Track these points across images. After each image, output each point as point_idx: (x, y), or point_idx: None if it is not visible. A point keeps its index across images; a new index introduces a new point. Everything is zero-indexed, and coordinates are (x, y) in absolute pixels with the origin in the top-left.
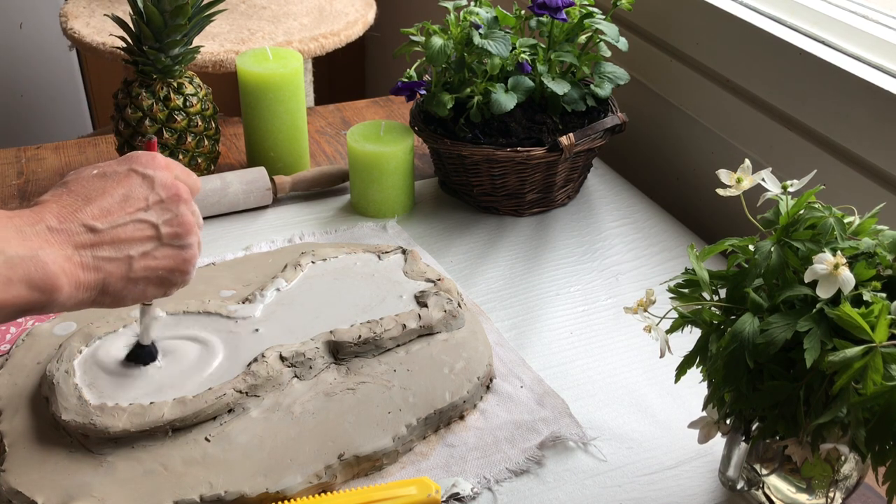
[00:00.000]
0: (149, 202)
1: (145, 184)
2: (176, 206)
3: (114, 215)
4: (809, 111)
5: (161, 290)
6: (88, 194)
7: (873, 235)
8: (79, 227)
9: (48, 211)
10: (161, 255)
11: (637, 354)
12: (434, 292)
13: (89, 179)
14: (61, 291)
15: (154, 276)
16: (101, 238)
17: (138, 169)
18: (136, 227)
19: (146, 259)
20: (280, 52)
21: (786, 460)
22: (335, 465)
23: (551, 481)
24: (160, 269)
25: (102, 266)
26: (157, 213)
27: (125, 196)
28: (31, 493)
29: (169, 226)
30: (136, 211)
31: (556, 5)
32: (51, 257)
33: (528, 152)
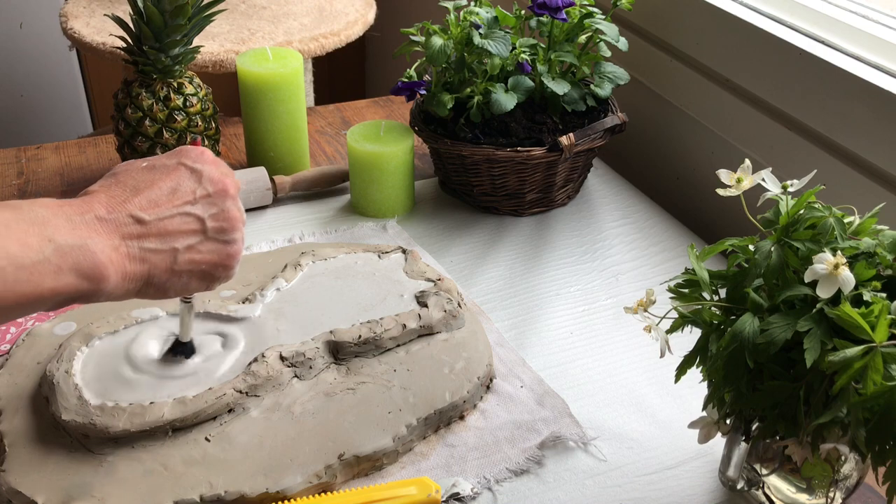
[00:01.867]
0: (196, 196)
1: (193, 178)
2: (223, 201)
3: (161, 207)
4: (809, 111)
5: (204, 283)
6: (137, 185)
7: (873, 235)
8: (127, 218)
9: (97, 201)
10: (205, 249)
11: (637, 354)
12: (434, 292)
13: (139, 171)
14: (108, 281)
15: (198, 270)
16: (148, 230)
17: (187, 163)
18: (183, 220)
19: (191, 252)
20: (280, 52)
21: (786, 460)
22: (335, 465)
23: (551, 481)
24: (204, 262)
25: (148, 257)
26: (204, 207)
27: (173, 189)
28: (31, 493)
29: (215, 220)
30: (183, 204)
31: (556, 5)
32: (99, 247)
33: (528, 152)
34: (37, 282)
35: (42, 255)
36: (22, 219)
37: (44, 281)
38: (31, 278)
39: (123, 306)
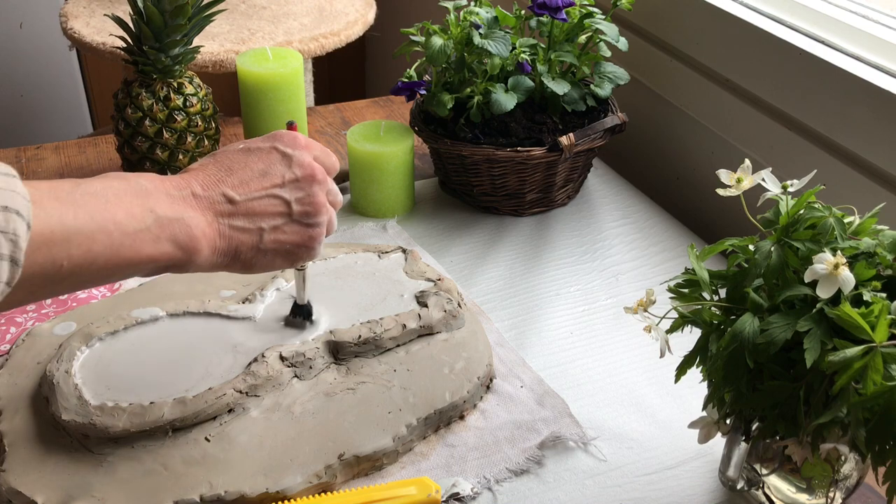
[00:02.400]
0: (284, 179)
1: (284, 162)
2: (309, 185)
3: (251, 188)
4: (809, 111)
5: (287, 262)
6: (231, 166)
7: (873, 235)
8: (220, 197)
9: (195, 178)
10: (290, 231)
11: (637, 354)
12: (434, 292)
13: (234, 153)
14: (200, 253)
15: (282, 249)
16: (238, 209)
17: (279, 147)
18: (270, 201)
19: (276, 233)
20: (280, 52)
21: (786, 460)
22: (335, 465)
23: (551, 481)
24: (288, 243)
25: (236, 235)
26: (291, 191)
27: (263, 171)
28: (31, 493)
29: (300, 204)
30: (271, 186)
31: (556, 5)
32: (194, 221)
33: (528, 152)
34: (138, 248)
35: (144, 224)
36: (129, 190)
37: (144, 248)
38: (134, 244)
39: (123, 307)
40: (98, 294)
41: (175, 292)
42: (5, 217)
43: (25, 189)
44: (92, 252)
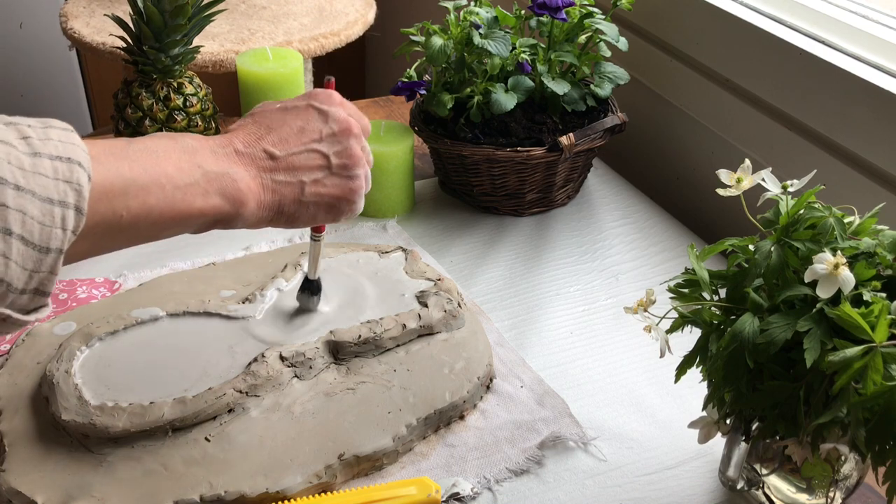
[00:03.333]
0: (322, 134)
1: (320, 118)
2: (346, 139)
3: (290, 144)
4: (809, 111)
5: (330, 215)
6: (270, 124)
7: (873, 235)
8: (261, 153)
9: (236, 137)
10: (330, 184)
11: (637, 354)
12: (434, 292)
13: (273, 112)
14: (247, 206)
15: (323, 202)
16: (279, 164)
17: (315, 104)
18: (309, 156)
19: (316, 186)
20: (280, 52)
21: (786, 460)
22: (335, 465)
23: (551, 481)
24: (328, 196)
25: (279, 189)
26: (329, 145)
27: (301, 128)
28: (31, 493)
29: (338, 157)
30: (310, 142)
31: (556, 5)
32: (239, 175)
33: (528, 152)
34: (189, 201)
35: (193, 179)
36: (176, 147)
37: (195, 201)
38: (185, 198)
39: (123, 307)
40: (98, 294)
41: (175, 292)
42: (69, 168)
43: (83, 142)
44: (147, 204)
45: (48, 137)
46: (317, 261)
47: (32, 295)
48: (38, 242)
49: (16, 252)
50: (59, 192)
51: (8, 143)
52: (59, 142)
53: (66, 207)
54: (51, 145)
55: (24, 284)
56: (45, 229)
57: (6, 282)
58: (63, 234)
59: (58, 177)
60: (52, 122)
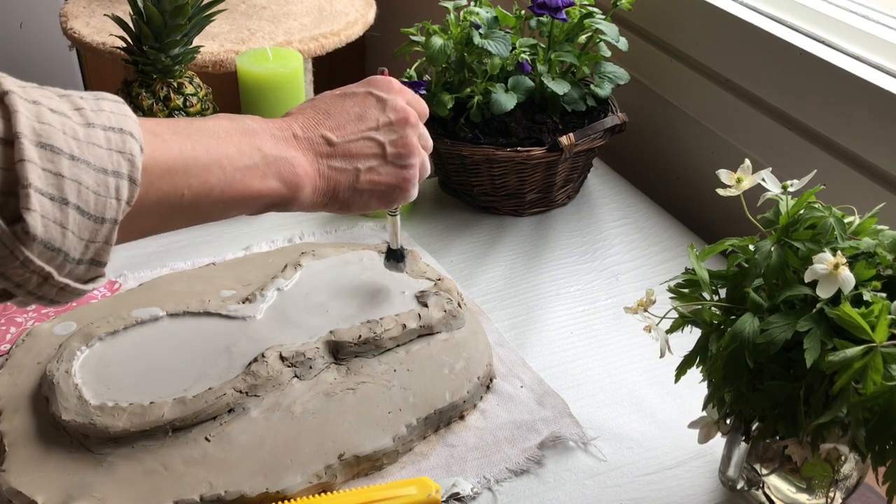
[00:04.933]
0: (379, 123)
1: (379, 106)
2: (403, 128)
3: (347, 130)
4: (809, 111)
5: (383, 202)
6: (329, 110)
7: (873, 235)
8: (319, 138)
9: (295, 121)
10: (384, 172)
11: (637, 354)
12: (434, 292)
13: (332, 98)
14: (303, 191)
15: (377, 190)
16: (335, 150)
17: (374, 92)
18: (366, 143)
19: (371, 174)
20: (280, 52)
21: (786, 460)
22: (335, 465)
23: (551, 481)
24: (382, 183)
25: (333, 175)
26: (385, 134)
27: (359, 115)
28: (31, 493)
29: (394, 146)
30: (367, 129)
31: (556, 5)
32: (297, 160)
33: (528, 152)
34: (248, 182)
35: (252, 161)
36: (237, 128)
37: (253, 182)
38: (244, 179)
39: (123, 307)
40: (98, 294)
41: (175, 292)
42: (122, 138)
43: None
44: (208, 183)
45: (100, 109)
46: (397, 233)
47: (89, 265)
48: (93, 212)
49: (72, 222)
50: (112, 163)
51: (62, 113)
52: (111, 113)
53: (119, 178)
54: (103, 116)
55: (80, 254)
56: (99, 199)
57: (63, 251)
58: (118, 203)
59: (111, 147)
60: (104, 94)
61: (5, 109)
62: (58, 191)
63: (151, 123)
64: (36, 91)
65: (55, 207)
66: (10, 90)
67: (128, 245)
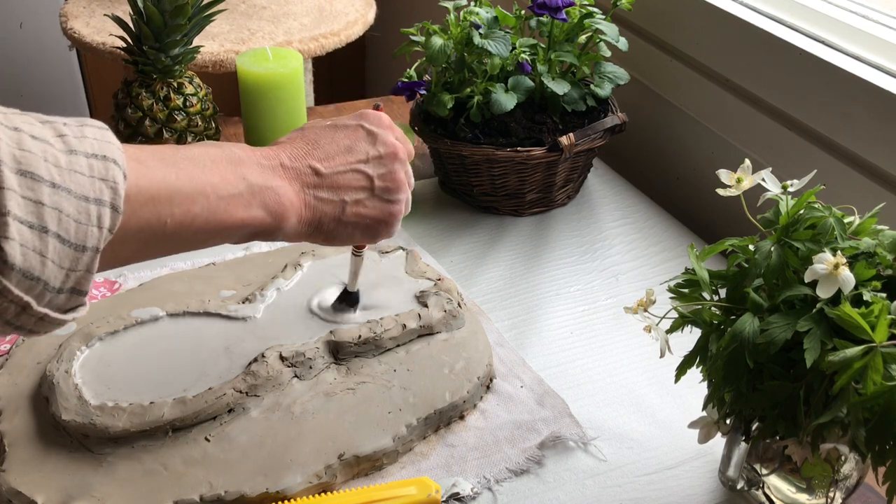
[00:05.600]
0: (369, 156)
1: (369, 139)
2: (392, 163)
3: (336, 162)
4: (809, 111)
5: (367, 236)
6: (318, 140)
7: (873, 235)
8: (306, 168)
9: (283, 150)
10: (371, 206)
11: (637, 354)
12: (434, 292)
13: (321, 129)
14: (288, 221)
15: (362, 223)
16: (323, 181)
17: (365, 125)
18: (354, 176)
19: (357, 206)
20: (280, 52)
21: (786, 460)
22: (335, 465)
23: (551, 481)
24: (368, 217)
25: (319, 206)
26: (374, 168)
27: (349, 147)
28: (31, 493)
29: (382, 180)
30: (356, 162)
31: (556, 5)
32: (283, 190)
33: (528, 152)
34: (232, 212)
35: (237, 190)
36: (223, 157)
37: (237, 211)
38: (228, 208)
39: (123, 307)
40: (98, 294)
41: (175, 292)
42: (105, 165)
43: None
44: (191, 212)
45: (83, 135)
46: (357, 275)
47: (69, 294)
48: (74, 240)
49: (52, 250)
50: (94, 190)
51: (44, 140)
52: (94, 140)
53: (101, 205)
54: (86, 143)
55: (60, 283)
56: (80, 227)
57: (43, 280)
58: (99, 232)
59: (93, 174)
60: (88, 120)
61: None
62: (38, 219)
63: (136, 150)
64: (17, 117)
65: (34, 236)
66: None
67: None
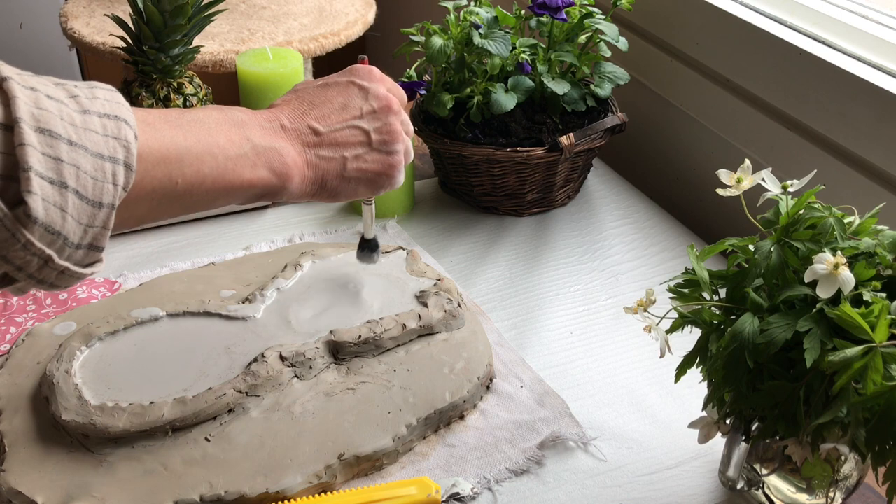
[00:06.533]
0: (363, 111)
1: (361, 94)
2: (386, 115)
3: (332, 120)
4: (809, 111)
5: (370, 189)
6: (313, 100)
7: (873, 235)
8: (305, 128)
9: (282, 112)
10: (371, 159)
11: (637, 354)
12: (434, 292)
13: (315, 89)
14: (293, 180)
15: (364, 177)
16: (322, 139)
17: (356, 81)
18: (351, 132)
19: (358, 161)
20: (280, 52)
21: (786, 460)
22: (335, 465)
23: (551, 481)
24: (369, 171)
25: (321, 164)
26: (370, 121)
27: (343, 104)
28: (31, 493)
29: (378, 133)
30: (352, 118)
31: (556, 5)
32: (286, 150)
33: (528, 152)
34: (239, 172)
35: (242, 150)
36: (226, 119)
37: (244, 172)
38: (235, 168)
39: (123, 307)
40: (98, 294)
41: (175, 292)
42: (117, 125)
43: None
44: (201, 172)
45: (95, 97)
46: (371, 222)
47: (87, 250)
48: (91, 197)
49: (71, 206)
50: (108, 148)
51: (59, 100)
52: (105, 101)
53: (115, 163)
54: (98, 104)
55: (79, 238)
56: (97, 184)
57: (63, 235)
58: (114, 189)
59: (107, 133)
60: (97, 83)
61: (4, 95)
62: (57, 175)
63: (143, 113)
64: (33, 79)
65: (55, 191)
66: (8, 76)
67: (128, 245)
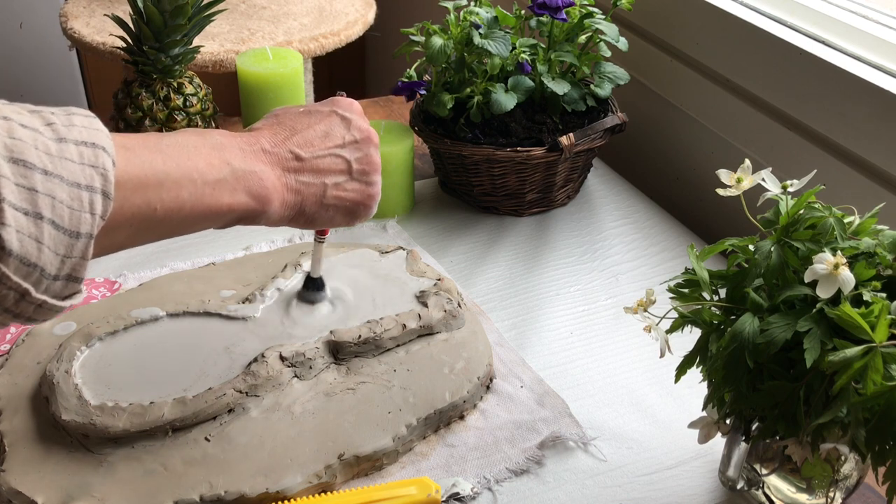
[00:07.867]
0: (345, 141)
1: (343, 124)
2: (367, 147)
3: (315, 147)
4: (809, 111)
5: (348, 218)
6: (295, 126)
7: (873, 235)
8: (287, 153)
9: (262, 136)
10: (350, 188)
11: (637, 354)
12: (434, 292)
13: (296, 115)
14: (272, 204)
15: (342, 206)
16: (304, 165)
17: (339, 111)
18: (333, 160)
19: (337, 189)
20: (280, 52)
21: (786, 460)
22: (335, 465)
23: (551, 481)
24: (347, 199)
25: (302, 190)
26: (351, 151)
27: (325, 132)
28: (31, 493)
29: (359, 163)
30: (334, 146)
31: (556, 5)
32: (265, 173)
33: (528, 152)
34: (218, 197)
35: (222, 175)
36: (206, 143)
37: (223, 197)
38: (214, 193)
39: (123, 307)
40: (98, 294)
41: (175, 292)
42: (94, 153)
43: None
44: (180, 198)
45: (72, 124)
46: (320, 261)
47: (66, 281)
48: (68, 227)
49: (48, 237)
50: (85, 177)
51: (34, 129)
52: (82, 128)
53: (93, 192)
54: (75, 131)
55: (56, 270)
56: (74, 213)
57: (40, 267)
58: (92, 218)
59: (84, 161)
60: (74, 109)
61: None
62: (32, 206)
63: (122, 138)
64: (6, 107)
65: (30, 222)
66: None
67: None
